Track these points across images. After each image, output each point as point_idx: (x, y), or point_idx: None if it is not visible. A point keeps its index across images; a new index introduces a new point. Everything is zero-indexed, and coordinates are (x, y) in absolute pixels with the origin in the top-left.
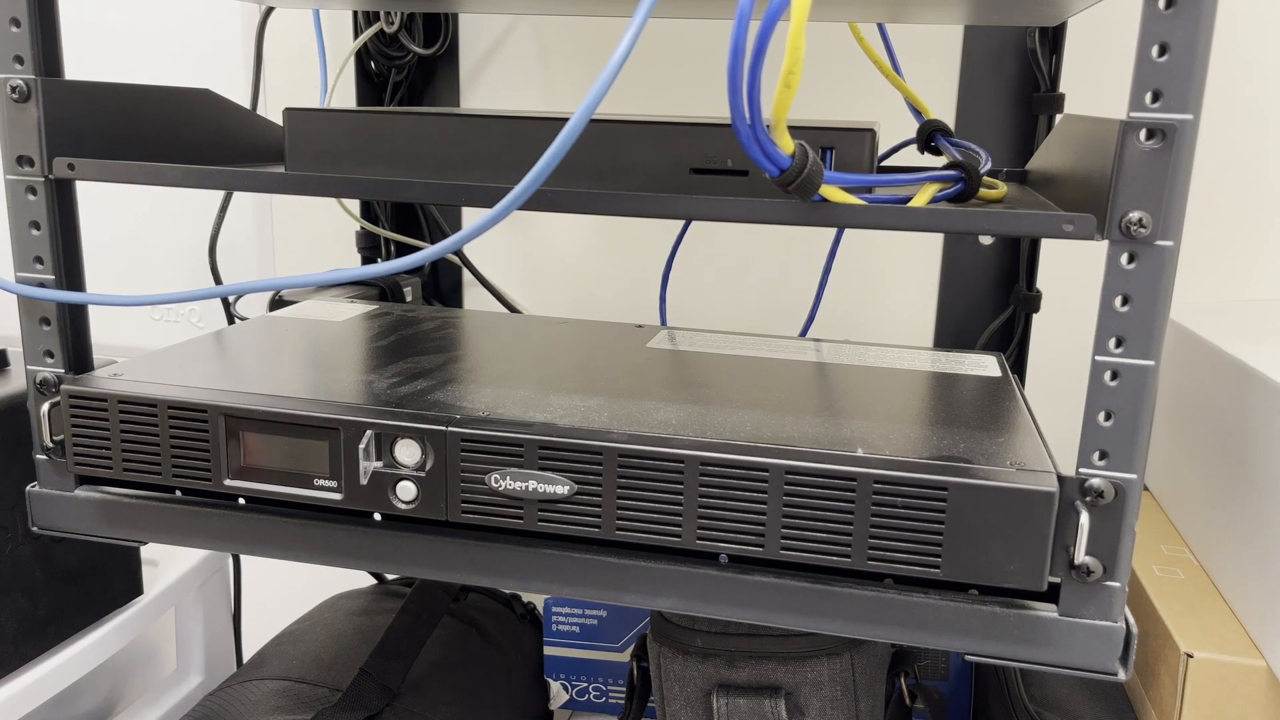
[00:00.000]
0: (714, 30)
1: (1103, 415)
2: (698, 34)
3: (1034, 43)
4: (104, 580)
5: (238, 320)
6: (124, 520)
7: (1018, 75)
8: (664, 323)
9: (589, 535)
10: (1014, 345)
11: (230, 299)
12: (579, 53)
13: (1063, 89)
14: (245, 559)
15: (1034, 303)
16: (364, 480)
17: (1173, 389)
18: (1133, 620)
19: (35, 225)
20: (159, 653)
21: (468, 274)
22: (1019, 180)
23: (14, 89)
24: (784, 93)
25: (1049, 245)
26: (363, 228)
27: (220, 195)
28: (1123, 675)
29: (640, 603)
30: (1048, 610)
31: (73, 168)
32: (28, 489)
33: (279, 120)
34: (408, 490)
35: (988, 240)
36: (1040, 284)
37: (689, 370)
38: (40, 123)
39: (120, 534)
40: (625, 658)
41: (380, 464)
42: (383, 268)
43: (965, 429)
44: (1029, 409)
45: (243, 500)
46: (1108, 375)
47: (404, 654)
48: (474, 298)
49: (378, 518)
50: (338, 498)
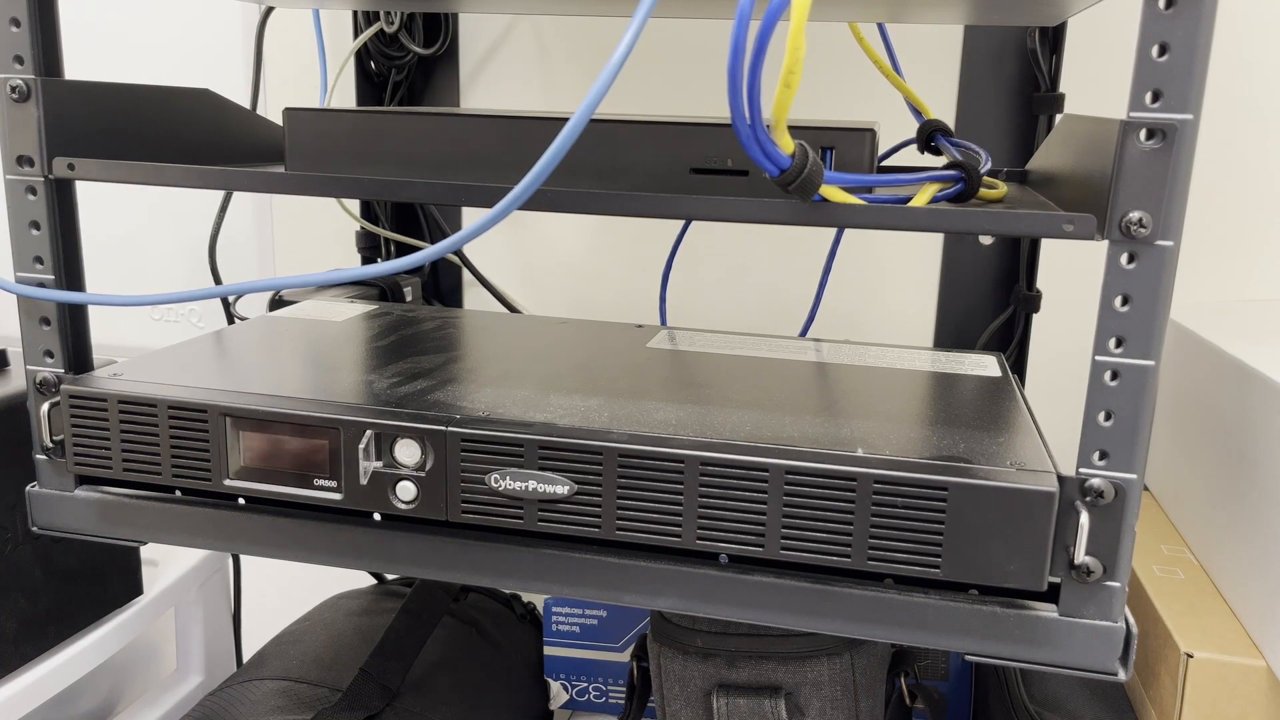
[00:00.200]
0: (714, 30)
1: (1103, 415)
2: (698, 34)
3: (1034, 43)
4: (104, 580)
5: (238, 320)
6: (124, 520)
7: (1018, 75)
8: (664, 323)
9: (589, 535)
10: (1014, 345)
11: (230, 299)
12: (579, 53)
13: (1063, 89)
14: (245, 559)
15: (1034, 303)
16: (364, 480)
17: (1173, 389)
18: (1133, 620)
19: (35, 225)
20: (159, 653)
21: (468, 274)
22: (1019, 180)
23: (14, 89)
24: (784, 93)
25: (1049, 245)
26: (363, 228)
27: (220, 195)
28: (1123, 675)
29: (640, 603)
30: (1048, 610)
31: (73, 168)
32: (27, 489)
33: (279, 120)
34: (407, 490)
35: (988, 240)
36: (1040, 284)
37: (689, 370)
38: (40, 123)
39: (120, 534)
40: (625, 658)
41: (380, 464)
42: (383, 268)
43: (965, 429)
44: (1029, 409)
45: (242, 500)
46: (1108, 375)
47: (404, 654)
48: (474, 298)
49: (377, 518)
50: (337, 498)
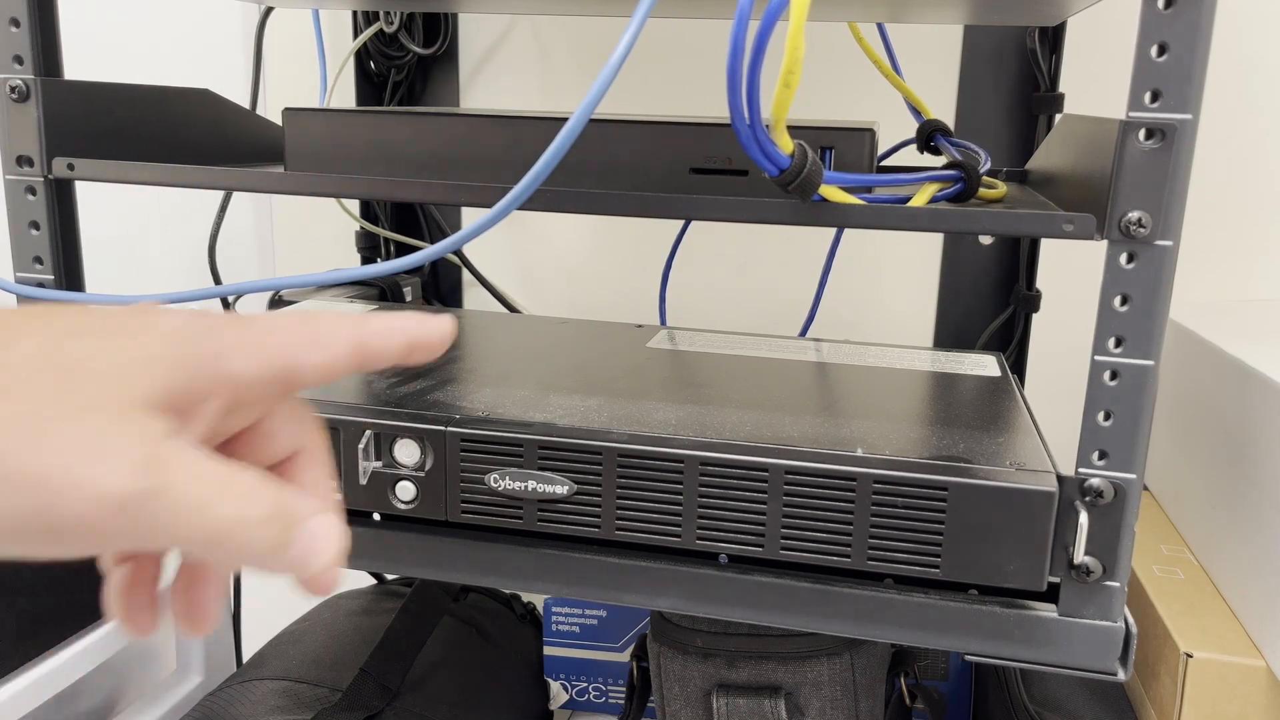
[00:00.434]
0: (714, 30)
1: (1102, 415)
2: (698, 34)
3: (1034, 43)
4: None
5: None
6: None
7: (1017, 75)
8: (664, 323)
9: (589, 535)
10: (1014, 345)
11: (230, 299)
12: (579, 53)
13: (1063, 89)
14: None
15: (1034, 303)
16: (363, 480)
17: (1173, 389)
18: (1132, 620)
19: (35, 225)
20: (159, 653)
21: (468, 274)
22: (1019, 180)
23: (14, 89)
24: (783, 92)
25: (1049, 245)
26: (363, 228)
27: (220, 195)
28: (1122, 675)
29: (640, 603)
30: (1047, 610)
31: (72, 168)
32: None
33: (279, 120)
34: (407, 490)
35: (988, 240)
36: (1040, 284)
37: (689, 370)
38: (40, 123)
39: None
40: (625, 658)
41: (379, 464)
42: (383, 268)
43: (965, 429)
44: (1029, 409)
45: None
46: (1107, 375)
47: (404, 654)
48: (474, 298)
49: (377, 518)
50: (337, 498)
